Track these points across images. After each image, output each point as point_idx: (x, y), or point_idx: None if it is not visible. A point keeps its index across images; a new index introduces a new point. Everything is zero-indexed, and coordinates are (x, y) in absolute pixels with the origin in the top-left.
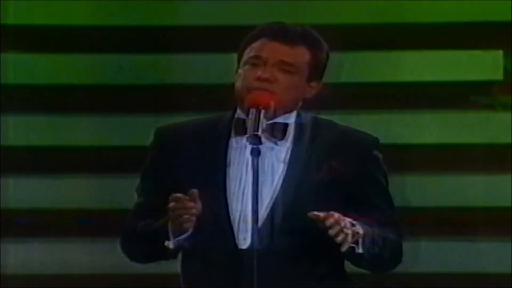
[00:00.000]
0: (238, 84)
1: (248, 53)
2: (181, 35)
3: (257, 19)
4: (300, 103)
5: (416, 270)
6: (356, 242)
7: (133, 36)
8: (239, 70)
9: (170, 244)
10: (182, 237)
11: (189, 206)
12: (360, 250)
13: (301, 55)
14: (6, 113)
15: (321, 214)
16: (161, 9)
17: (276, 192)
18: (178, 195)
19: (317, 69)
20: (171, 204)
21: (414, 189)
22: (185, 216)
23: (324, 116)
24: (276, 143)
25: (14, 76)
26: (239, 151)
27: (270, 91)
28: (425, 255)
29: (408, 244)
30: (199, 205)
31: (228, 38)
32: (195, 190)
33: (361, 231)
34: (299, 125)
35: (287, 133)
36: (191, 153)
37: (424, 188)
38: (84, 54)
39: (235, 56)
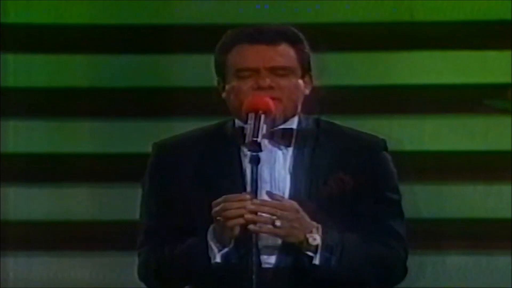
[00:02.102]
0: (233, 98)
1: (233, 65)
2: (183, 35)
3: (260, 18)
4: (300, 105)
5: (409, 285)
6: (315, 252)
7: (135, 36)
8: (230, 85)
9: (217, 257)
10: (228, 247)
11: (244, 204)
12: (316, 262)
13: (287, 53)
14: (5, 118)
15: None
16: (163, 8)
17: None
18: (230, 195)
19: (305, 63)
20: (222, 205)
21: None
22: (236, 220)
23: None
24: (283, 152)
25: (14, 78)
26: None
27: (275, 98)
28: (417, 270)
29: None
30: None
31: None
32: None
33: (316, 241)
34: (300, 130)
35: (292, 140)
36: (205, 167)
37: (448, 197)
38: (85, 54)
39: None
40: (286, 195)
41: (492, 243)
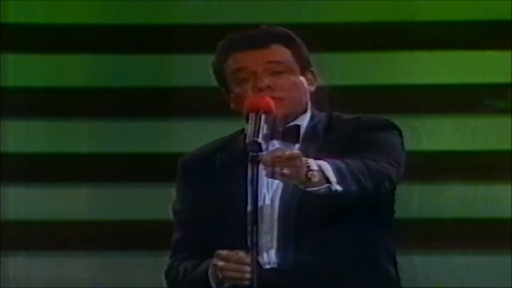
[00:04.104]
0: (239, 105)
1: (229, 71)
2: (183, 35)
3: (260, 18)
4: (309, 101)
5: (410, 285)
6: (328, 181)
7: (135, 36)
8: (232, 94)
9: None
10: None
11: (245, 269)
12: (337, 187)
13: (281, 52)
14: (5, 118)
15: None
16: (163, 8)
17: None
18: (232, 254)
19: (303, 60)
20: (222, 265)
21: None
22: (233, 281)
23: None
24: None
25: (13, 78)
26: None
27: (277, 98)
28: (419, 269)
29: (402, 258)
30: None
31: None
32: (242, 255)
33: (316, 178)
34: (310, 127)
35: (300, 137)
36: (215, 179)
37: (436, 198)
38: (85, 54)
39: None
40: (279, 191)
41: (492, 243)
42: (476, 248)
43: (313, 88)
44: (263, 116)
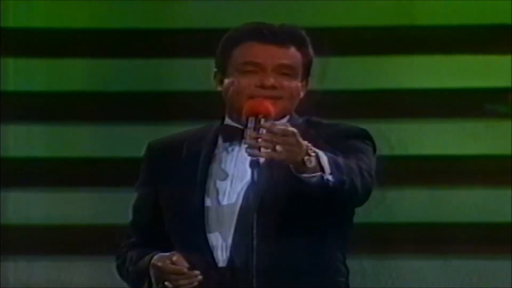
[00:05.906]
0: (233, 93)
1: (239, 58)
2: (184, 39)
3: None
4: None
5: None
6: (322, 170)
7: (135, 40)
8: (231, 79)
9: None
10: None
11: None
12: (329, 177)
13: (295, 56)
14: (5, 122)
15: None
16: (164, 12)
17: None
18: (172, 269)
19: (307, 68)
20: (172, 276)
21: (426, 204)
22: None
23: None
24: None
25: (13, 82)
26: (225, 162)
27: (276, 97)
28: (419, 273)
29: (402, 262)
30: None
31: None
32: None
33: (312, 163)
34: None
35: None
36: (176, 168)
37: (432, 203)
38: (85, 58)
39: None
40: (244, 190)
41: (492, 247)
42: (476, 252)
43: (302, 95)
44: (262, 121)
